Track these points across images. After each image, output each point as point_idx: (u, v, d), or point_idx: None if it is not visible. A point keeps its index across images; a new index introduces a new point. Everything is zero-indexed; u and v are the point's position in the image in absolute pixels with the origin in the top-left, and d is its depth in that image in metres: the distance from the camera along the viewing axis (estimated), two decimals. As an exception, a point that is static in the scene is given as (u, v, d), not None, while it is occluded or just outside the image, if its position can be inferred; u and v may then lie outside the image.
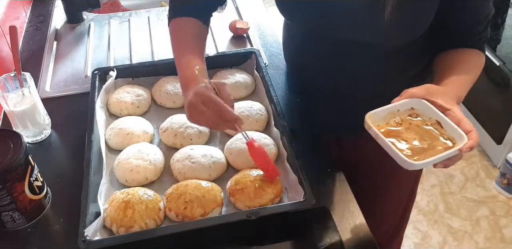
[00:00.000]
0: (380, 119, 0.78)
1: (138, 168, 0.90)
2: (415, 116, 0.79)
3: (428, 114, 0.77)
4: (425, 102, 0.77)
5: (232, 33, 1.39)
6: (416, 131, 0.77)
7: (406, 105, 0.78)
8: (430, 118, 0.77)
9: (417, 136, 0.77)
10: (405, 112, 0.79)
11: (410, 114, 0.79)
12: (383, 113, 0.78)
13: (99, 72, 1.11)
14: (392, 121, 0.79)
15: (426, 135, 0.77)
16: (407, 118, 0.79)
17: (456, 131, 0.73)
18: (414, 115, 0.79)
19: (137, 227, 0.81)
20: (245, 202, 0.85)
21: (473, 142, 0.70)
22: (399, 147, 0.74)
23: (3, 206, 0.83)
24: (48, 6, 1.58)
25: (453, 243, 1.93)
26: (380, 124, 0.78)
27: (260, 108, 1.04)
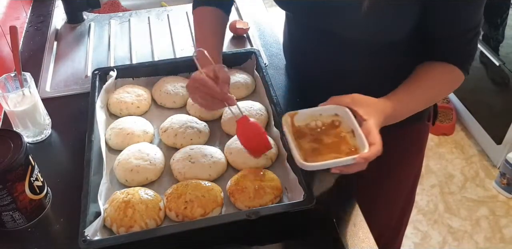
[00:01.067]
0: (301, 120, 0.83)
1: (138, 168, 0.90)
2: (338, 124, 0.82)
3: (347, 122, 0.80)
4: (346, 110, 0.79)
5: (232, 33, 1.39)
6: (329, 137, 0.81)
7: (330, 111, 0.82)
8: (348, 126, 0.80)
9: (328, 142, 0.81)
10: (329, 117, 0.82)
11: (333, 120, 0.82)
12: (305, 115, 0.82)
13: (99, 72, 1.12)
14: (312, 123, 0.83)
15: (336, 142, 0.80)
16: (328, 123, 0.83)
17: (362, 141, 0.75)
18: (337, 122, 0.82)
19: (137, 227, 0.81)
20: (245, 202, 0.85)
21: (370, 154, 0.73)
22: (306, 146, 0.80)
23: (4, 206, 0.83)
24: (48, 6, 1.58)
25: (453, 243, 1.93)
26: (300, 124, 0.83)
27: (260, 108, 1.04)
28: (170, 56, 1.32)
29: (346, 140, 0.80)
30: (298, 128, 0.83)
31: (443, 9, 0.83)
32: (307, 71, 1.07)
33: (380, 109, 0.80)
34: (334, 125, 0.82)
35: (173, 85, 1.10)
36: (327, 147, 0.80)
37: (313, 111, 0.82)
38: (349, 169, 0.76)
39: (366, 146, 0.74)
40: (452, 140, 2.40)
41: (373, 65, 0.97)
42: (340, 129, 0.81)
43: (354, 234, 0.85)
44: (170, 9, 1.55)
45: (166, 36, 1.41)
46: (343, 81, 0.99)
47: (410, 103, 0.86)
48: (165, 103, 1.10)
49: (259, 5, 1.55)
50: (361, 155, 0.73)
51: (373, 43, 0.91)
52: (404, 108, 0.85)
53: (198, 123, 1.01)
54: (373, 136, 0.75)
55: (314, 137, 0.81)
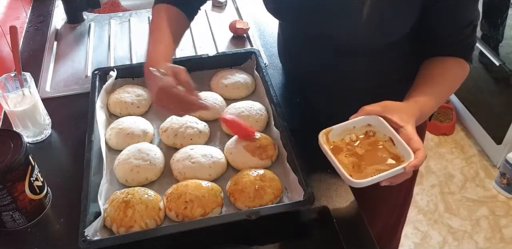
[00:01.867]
0: (335, 135, 0.80)
1: (138, 168, 0.90)
2: (372, 134, 0.80)
3: (383, 131, 0.78)
4: (380, 119, 0.78)
5: (232, 33, 1.39)
6: (369, 149, 0.79)
7: (362, 122, 0.80)
8: (384, 135, 0.78)
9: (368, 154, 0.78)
10: (362, 128, 0.80)
11: (367, 131, 0.80)
12: (339, 130, 0.80)
13: (99, 72, 1.11)
14: (347, 137, 0.80)
15: (376, 153, 0.78)
16: (363, 134, 0.80)
17: (405, 149, 0.73)
18: (371, 132, 0.80)
19: (137, 227, 0.81)
20: (245, 202, 0.85)
21: (417, 161, 0.71)
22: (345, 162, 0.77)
23: (4, 206, 0.83)
24: (48, 6, 1.58)
25: (453, 243, 1.93)
26: (335, 140, 0.80)
27: (260, 108, 1.04)
28: (170, 56, 1.32)
29: (386, 149, 0.78)
30: (333, 143, 0.80)
31: (443, 7, 0.84)
32: (306, 75, 1.07)
33: (411, 113, 0.79)
34: (368, 136, 0.80)
35: (173, 85, 1.10)
36: (367, 159, 0.78)
37: (346, 125, 0.80)
38: (398, 179, 0.74)
39: (411, 153, 0.72)
40: (452, 140, 2.40)
41: (373, 66, 0.97)
42: (376, 139, 0.79)
43: (354, 234, 0.85)
44: (170, 9, 1.55)
45: (166, 36, 1.41)
46: (343, 83, 1.00)
47: (433, 102, 0.85)
48: (165, 103, 1.10)
49: (259, 5, 1.54)
50: (410, 163, 0.71)
51: (372, 45, 0.92)
52: (428, 107, 0.84)
53: (198, 123, 1.01)
54: (415, 142, 0.73)
55: (351, 151, 0.79)
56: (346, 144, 0.80)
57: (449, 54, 0.90)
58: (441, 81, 0.88)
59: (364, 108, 0.79)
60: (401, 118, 0.77)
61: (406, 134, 0.74)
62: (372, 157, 0.78)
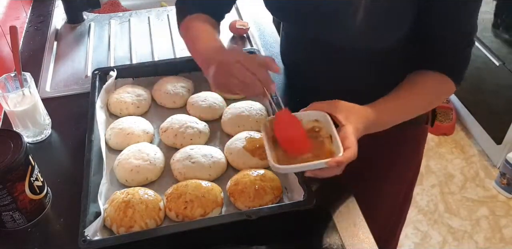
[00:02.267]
0: None
1: (138, 168, 0.90)
2: (318, 130, 0.83)
3: (326, 128, 0.81)
4: (326, 116, 0.80)
5: (232, 33, 1.39)
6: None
7: (310, 116, 0.83)
8: (327, 132, 0.81)
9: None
10: (309, 122, 0.83)
11: (314, 126, 0.83)
12: None
13: (99, 72, 1.11)
14: None
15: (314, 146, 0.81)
16: (308, 128, 0.83)
17: (338, 146, 0.75)
18: (317, 128, 0.83)
19: (137, 227, 0.81)
20: (245, 202, 0.85)
21: (342, 158, 0.72)
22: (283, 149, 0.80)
23: (4, 206, 0.83)
24: (48, 6, 1.58)
25: (453, 243, 1.93)
26: None
27: (260, 108, 1.04)
28: (170, 56, 1.32)
29: (325, 145, 0.80)
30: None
31: (439, 9, 0.82)
32: (305, 74, 1.07)
33: (361, 115, 0.80)
34: (314, 131, 0.83)
35: (173, 85, 1.10)
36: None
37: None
38: (324, 173, 0.76)
39: (340, 151, 0.74)
40: (452, 140, 2.40)
41: (370, 69, 0.97)
42: (319, 135, 0.82)
43: (354, 234, 0.85)
44: (170, 9, 1.55)
45: (166, 36, 1.41)
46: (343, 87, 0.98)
47: (396, 112, 0.86)
48: (165, 103, 1.10)
49: (259, 5, 1.55)
50: (333, 159, 0.72)
51: (368, 49, 0.91)
52: (389, 116, 0.85)
53: (198, 123, 1.01)
54: (349, 141, 0.74)
55: None
56: None
57: (436, 67, 0.88)
58: (414, 95, 0.87)
59: (314, 104, 0.81)
60: (346, 117, 0.78)
61: (344, 133, 0.76)
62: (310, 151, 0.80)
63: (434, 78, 0.87)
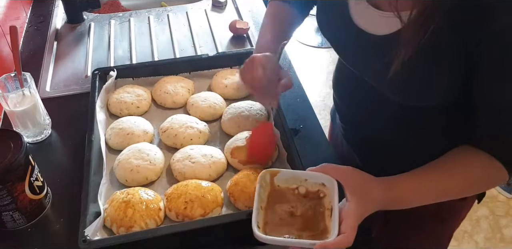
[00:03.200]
0: (283, 180, 0.75)
1: (138, 168, 0.90)
2: (323, 195, 0.73)
3: (331, 197, 0.71)
4: (335, 184, 0.71)
5: (232, 33, 1.39)
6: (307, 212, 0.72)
7: (317, 179, 0.73)
8: (330, 202, 0.71)
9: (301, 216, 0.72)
10: (315, 185, 0.74)
11: (319, 190, 0.74)
12: (287, 176, 0.75)
13: (99, 72, 1.11)
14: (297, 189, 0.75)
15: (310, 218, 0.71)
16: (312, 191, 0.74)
17: (333, 226, 0.66)
18: (322, 193, 0.73)
19: (137, 227, 0.81)
20: (245, 202, 0.85)
21: (332, 243, 0.63)
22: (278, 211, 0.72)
23: (4, 206, 0.83)
24: (48, 6, 1.58)
25: (453, 243, 1.93)
26: (281, 184, 0.75)
27: (260, 108, 1.04)
28: (170, 56, 1.32)
29: (323, 217, 0.71)
30: (278, 188, 0.75)
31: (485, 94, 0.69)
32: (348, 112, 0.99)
33: (371, 192, 0.69)
34: (318, 196, 0.73)
35: (173, 85, 1.10)
36: (299, 220, 0.71)
37: (298, 174, 0.75)
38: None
39: (334, 234, 0.64)
40: (452, 140, 2.40)
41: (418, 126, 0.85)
42: (322, 202, 0.73)
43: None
44: (170, 9, 1.55)
45: (166, 36, 1.41)
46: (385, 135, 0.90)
47: (422, 192, 0.73)
48: (165, 103, 1.10)
49: (259, 5, 1.55)
50: (322, 243, 0.63)
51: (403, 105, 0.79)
52: (412, 195, 0.73)
53: (198, 123, 1.01)
54: (346, 224, 0.65)
55: (292, 205, 0.73)
56: (291, 194, 0.74)
57: (486, 150, 0.72)
58: (447, 174, 0.73)
59: (324, 166, 0.72)
60: (354, 192, 0.68)
61: (345, 211, 0.66)
62: (304, 220, 0.71)
63: (485, 163, 0.72)
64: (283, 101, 1.10)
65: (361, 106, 0.92)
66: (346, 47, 0.84)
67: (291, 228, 0.70)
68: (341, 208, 0.68)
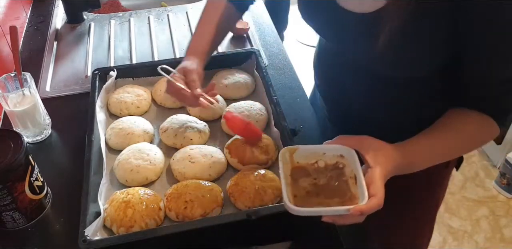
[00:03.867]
0: (302, 156, 0.75)
1: (138, 168, 0.90)
2: (342, 166, 0.74)
3: (352, 166, 0.73)
4: (353, 153, 0.72)
5: (232, 33, 1.39)
6: (330, 182, 0.74)
7: (335, 151, 0.74)
8: (351, 171, 0.73)
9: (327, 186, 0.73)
10: (333, 157, 0.75)
11: (337, 162, 0.75)
12: (307, 152, 0.75)
13: (99, 72, 1.11)
14: (316, 163, 0.75)
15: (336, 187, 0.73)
16: (332, 164, 0.75)
17: (362, 191, 0.67)
18: (341, 164, 0.75)
19: (137, 227, 0.81)
20: (245, 202, 0.85)
21: (366, 207, 0.65)
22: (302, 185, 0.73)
23: (4, 206, 0.83)
24: (48, 6, 1.58)
25: (453, 243, 1.93)
26: (300, 161, 0.75)
27: (260, 108, 1.04)
28: (170, 56, 1.32)
29: (348, 186, 0.72)
30: (298, 165, 0.76)
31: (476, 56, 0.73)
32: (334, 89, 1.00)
33: (390, 157, 0.71)
34: (337, 167, 0.75)
35: (173, 85, 1.10)
36: (325, 190, 0.72)
37: (316, 148, 0.75)
38: (343, 220, 0.68)
39: (365, 198, 0.66)
40: (452, 140, 2.40)
41: (400, 98, 0.89)
42: (343, 172, 0.74)
43: (354, 234, 0.85)
44: (170, 9, 1.55)
45: (166, 36, 1.41)
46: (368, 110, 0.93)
47: (430, 156, 0.77)
48: (165, 103, 1.10)
49: (259, 5, 1.55)
50: (357, 207, 0.65)
51: (396, 77, 0.83)
52: (421, 160, 0.76)
53: (198, 123, 1.01)
54: (375, 187, 0.67)
55: (314, 177, 0.74)
56: (312, 169, 0.75)
57: (476, 107, 0.78)
58: (450, 134, 0.77)
59: (341, 137, 0.74)
60: (374, 159, 0.70)
61: (370, 177, 0.68)
62: (331, 190, 0.72)
63: (477, 120, 0.78)
64: (283, 101, 1.10)
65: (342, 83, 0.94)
66: (334, 30, 0.85)
67: (320, 198, 0.71)
68: (364, 174, 0.70)
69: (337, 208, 0.67)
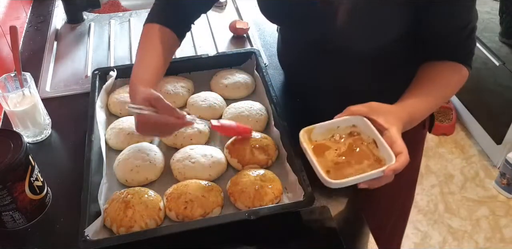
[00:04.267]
0: (318, 134, 0.78)
1: (138, 168, 0.90)
2: (357, 134, 0.78)
3: (367, 132, 0.76)
4: (365, 120, 0.76)
5: (232, 33, 1.39)
6: (352, 149, 0.77)
7: (347, 122, 0.78)
8: (368, 137, 0.76)
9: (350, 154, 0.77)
10: (346, 128, 0.79)
11: (351, 131, 0.78)
12: (322, 129, 0.78)
13: (99, 72, 1.11)
14: (331, 137, 0.79)
15: (359, 153, 0.76)
16: (347, 134, 0.79)
17: (387, 151, 0.71)
18: (355, 132, 0.78)
19: (137, 227, 0.81)
20: (245, 202, 0.85)
21: (398, 165, 0.69)
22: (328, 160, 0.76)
23: (4, 206, 0.83)
24: (48, 6, 1.58)
25: (453, 243, 1.93)
26: (318, 139, 0.79)
27: (260, 108, 1.04)
28: (170, 56, 1.32)
29: (369, 151, 0.76)
30: (317, 143, 0.79)
31: (436, 10, 0.82)
32: (304, 77, 1.06)
33: (398, 116, 0.77)
34: (353, 136, 0.78)
35: (173, 85, 1.10)
36: (350, 160, 0.76)
37: (330, 124, 0.78)
38: (378, 182, 0.72)
39: (392, 157, 0.70)
40: (452, 140, 2.40)
41: (370, 69, 0.96)
42: (360, 140, 0.78)
43: (353, 233, 0.85)
44: (170, 9, 1.55)
45: (166, 36, 1.41)
46: (342, 87, 0.98)
47: (424, 107, 0.84)
48: (165, 103, 1.10)
49: (259, 5, 1.55)
50: (390, 167, 0.69)
51: (364, 49, 0.89)
52: (418, 110, 0.83)
53: (198, 123, 1.01)
54: (398, 145, 0.71)
55: (336, 150, 0.78)
56: (331, 143, 0.79)
57: (445, 57, 0.88)
58: (432, 84, 0.86)
59: (349, 108, 0.78)
60: (386, 120, 0.75)
61: (389, 137, 0.73)
62: (354, 158, 0.76)
63: (449, 67, 0.88)
64: (283, 101, 1.10)
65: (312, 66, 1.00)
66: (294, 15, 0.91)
67: (351, 166, 0.75)
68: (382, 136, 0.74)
69: (372, 173, 0.70)
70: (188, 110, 1.07)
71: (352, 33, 0.85)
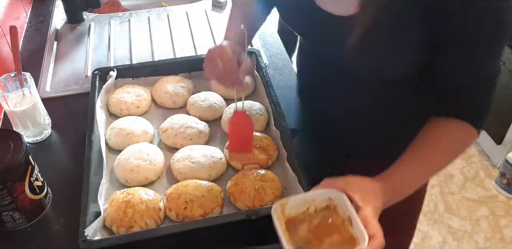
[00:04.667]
0: (293, 207, 0.74)
1: (138, 168, 0.90)
2: (333, 207, 0.73)
3: (343, 208, 0.71)
4: (341, 194, 0.71)
5: (233, 33, 1.39)
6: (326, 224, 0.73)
7: (322, 195, 0.73)
8: (344, 213, 0.71)
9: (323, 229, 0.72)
10: (322, 202, 0.74)
11: (328, 205, 0.73)
12: (297, 202, 0.74)
13: (100, 72, 1.11)
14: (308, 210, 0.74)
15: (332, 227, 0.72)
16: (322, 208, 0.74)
17: (360, 232, 0.66)
18: (332, 206, 0.73)
19: (137, 227, 0.81)
20: (245, 202, 0.85)
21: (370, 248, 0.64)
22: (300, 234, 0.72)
23: (4, 206, 0.83)
24: (48, 6, 1.58)
25: (453, 243, 1.94)
26: (292, 212, 0.74)
27: (260, 108, 1.04)
28: (170, 56, 1.32)
29: (345, 228, 0.71)
30: (290, 216, 0.74)
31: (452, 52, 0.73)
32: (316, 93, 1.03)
33: (378, 193, 0.71)
34: (330, 210, 0.73)
35: (173, 85, 1.10)
36: (323, 235, 0.72)
37: (305, 197, 0.74)
38: None
39: (365, 239, 0.65)
40: (452, 140, 2.40)
41: (381, 101, 0.90)
42: (336, 212, 0.73)
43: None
44: (170, 9, 1.55)
45: (166, 36, 1.41)
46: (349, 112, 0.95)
47: (416, 175, 0.77)
48: (165, 103, 1.10)
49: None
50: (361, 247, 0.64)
51: (374, 79, 0.83)
52: (408, 183, 0.76)
53: (198, 123, 1.01)
54: (372, 227, 0.66)
55: (310, 224, 0.73)
56: (305, 216, 0.74)
57: (457, 115, 0.78)
58: (434, 151, 0.77)
59: (326, 181, 0.73)
60: (362, 198, 0.69)
61: (364, 217, 0.67)
62: (326, 234, 0.72)
63: (456, 128, 0.78)
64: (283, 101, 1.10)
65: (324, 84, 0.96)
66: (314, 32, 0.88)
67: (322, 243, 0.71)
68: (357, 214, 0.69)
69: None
70: (188, 110, 1.07)
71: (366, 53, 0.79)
